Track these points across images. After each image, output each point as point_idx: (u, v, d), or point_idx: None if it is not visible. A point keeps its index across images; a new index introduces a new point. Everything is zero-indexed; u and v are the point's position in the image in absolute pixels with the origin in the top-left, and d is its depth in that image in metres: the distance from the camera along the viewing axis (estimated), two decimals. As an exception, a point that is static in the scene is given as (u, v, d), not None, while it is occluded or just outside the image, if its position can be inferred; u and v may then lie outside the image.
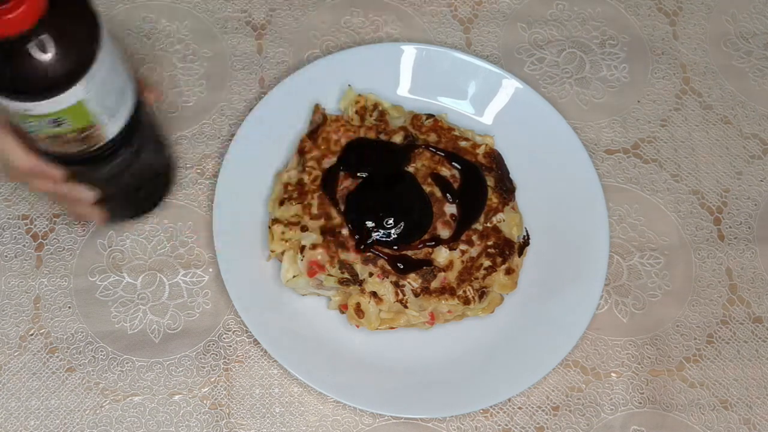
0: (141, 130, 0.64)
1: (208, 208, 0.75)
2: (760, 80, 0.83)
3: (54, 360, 0.70)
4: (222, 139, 0.77)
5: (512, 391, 0.69)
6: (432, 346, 0.71)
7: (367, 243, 0.68)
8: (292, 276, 0.69)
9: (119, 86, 0.59)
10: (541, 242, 0.74)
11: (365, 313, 0.68)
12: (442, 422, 0.69)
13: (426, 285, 0.68)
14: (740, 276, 0.75)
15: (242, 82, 0.79)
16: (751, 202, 0.78)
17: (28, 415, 0.68)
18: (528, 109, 0.77)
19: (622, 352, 0.72)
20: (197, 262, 0.73)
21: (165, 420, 0.68)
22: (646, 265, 0.75)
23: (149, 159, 0.68)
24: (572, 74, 0.82)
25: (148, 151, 0.67)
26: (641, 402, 0.71)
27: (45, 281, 0.72)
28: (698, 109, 0.81)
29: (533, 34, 0.83)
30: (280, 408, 0.70)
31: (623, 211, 0.77)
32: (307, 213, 0.70)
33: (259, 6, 0.83)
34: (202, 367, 0.70)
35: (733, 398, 0.71)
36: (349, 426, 0.69)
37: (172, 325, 0.71)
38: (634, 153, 0.79)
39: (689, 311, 0.74)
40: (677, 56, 0.83)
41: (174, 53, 0.80)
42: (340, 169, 0.71)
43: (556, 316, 0.71)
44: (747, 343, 0.73)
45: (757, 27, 0.85)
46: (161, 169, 0.73)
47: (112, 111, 0.59)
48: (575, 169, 0.76)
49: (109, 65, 0.57)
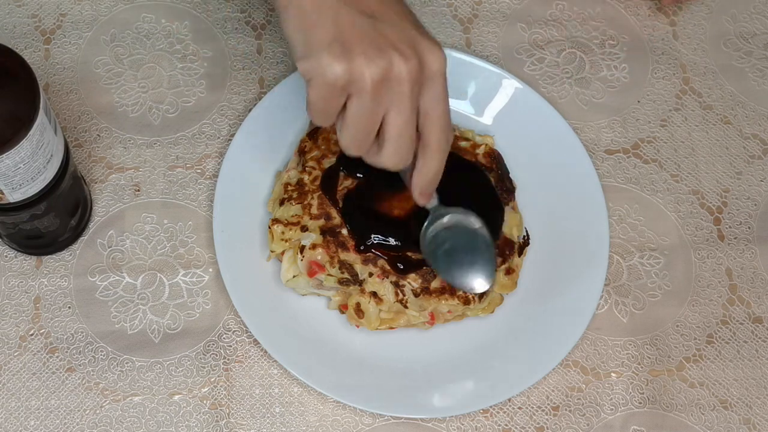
0: (54, 197, 0.66)
1: (208, 208, 0.75)
2: (760, 80, 0.83)
3: (54, 360, 0.70)
4: (222, 139, 0.77)
5: (512, 391, 0.69)
6: (432, 346, 0.71)
7: (366, 244, 0.68)
8: (292, 276, 0.69)
9: (31, 171, 0.61)
10: (541, 242, 0.74)
11: (365, 313, 0.68)
12: (442, 422, 0.69)
13: (426, 285, 0.68)
14: (740, 276, 0.75)
15: (242, 82, 0.79)
16: (751, 202, 0.78)
17: (28, 415, 0.68)
18: (528, 109, 0.77)
19: (622, 352, 0.72)
20: (197, 262, 0.73)
21: (165, 420, 0.68)
22: (646, 265, 0.75)
23: (55, 219, 0.69)
24: (572, 74, 0.82)
25: (56, 213, 0.68)
26: (641, 402, 0.71)
27: (45, 281, 0.72)
28: (698, 109, 0.81)
29: (533, 34, 0.83)
30: (280, 408, 0.70)
31: (623, 211, 0.77)
32: (307, 213, 0.70)
33: (259, 6, 0.83)
34: (202, 367, 0.70)
35: (733, 398, 0.71)
36: (349, 426, 0.69)
37: (172, 325, 0.71)
38: (634, 153, 0.79)
39: (689, 311, 0.74)
40: (677, 56, 0.83)
41: (174, 53, 0.80)
42: (340, 169, 0.71)
43: (556, 316, 0.71)
44: (747, 343, 0.73)
45: (757, 27, 0.85)
46: (63, 230, 0.72)
47: (15, 186, 0.61)
48: (575, 169, 0.76)
49: (25, 155, 0.59)
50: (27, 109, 0.58)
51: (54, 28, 0.80)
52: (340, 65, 0.54)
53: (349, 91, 0.56)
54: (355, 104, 0.56)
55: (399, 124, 0.57)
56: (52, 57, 0.79)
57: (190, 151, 0.77)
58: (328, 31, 0.55)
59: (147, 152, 0.77)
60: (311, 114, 0.58)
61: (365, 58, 0.54)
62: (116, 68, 0.79)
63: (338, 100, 0.56)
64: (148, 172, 0.76)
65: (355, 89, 0.55)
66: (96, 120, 0.77)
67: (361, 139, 0.58)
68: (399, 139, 0.58)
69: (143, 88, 0.79)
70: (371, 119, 0.57)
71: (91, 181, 0.75)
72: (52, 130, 0.61)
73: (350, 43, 0.55)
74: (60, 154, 0.64)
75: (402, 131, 0.57)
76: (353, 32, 0.55)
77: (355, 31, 0.55)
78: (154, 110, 0.78)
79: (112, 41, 0.80)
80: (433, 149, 0.59)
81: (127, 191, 0.75)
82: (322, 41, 0.55)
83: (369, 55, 0.54)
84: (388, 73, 0.55)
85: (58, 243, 0.72)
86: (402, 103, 0.56)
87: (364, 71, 0.54)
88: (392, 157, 0.59)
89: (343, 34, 0.55)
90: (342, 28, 0.55)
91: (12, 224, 0.67)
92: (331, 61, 0.54)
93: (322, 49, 0.55)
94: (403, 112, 0.57)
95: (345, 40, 0.55)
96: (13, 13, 0.81)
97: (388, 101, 0.56)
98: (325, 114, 0.57)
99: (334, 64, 0.54)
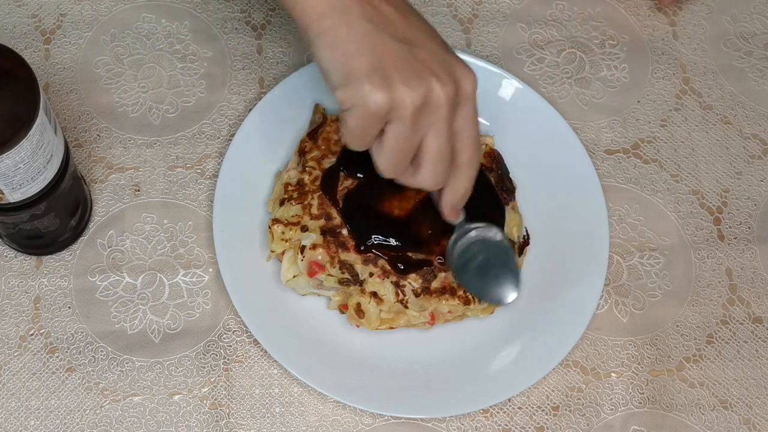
0: (54, 197, 0.66)
1: (208, 208, 0.75)
2: (760, 80, 0.83)
3: (54, 360, 0.70)
4: (222, 139, 0.77)
5: (512, 391, 0.69)
6: (432, 346, 0.71)
7: (366, 245, 0.68)
8: (292, 276, 0.69)
9: (31, 171, 0.61)
10: (541, 242, 0.74)
11: (365, 313, 0.68)
12: (442, 422, 0.69)
13: (426, 285, 0.68)
14: (740, 276, 0.75)
15: (242, 82, 0.79)
16: (751, 202, 0.78)
17: (28, 415, 0.68)
18: (528, 109, 0.77)
19: (622, 352, 0.72)
20: (197, 262, 0.73)
21: (165, 420, 0.68)
22: (646, 265, 0.75)
23: (55, 219, 0.69)
24: (572, 74, 0.82)
25: (56, 213, 0.68)
26: (641, 402, 0.71)
27: (45, 281, 0.72)
28: (698, 109, 0.81)
29: (533, 34, 0.83)
30: (280, 408, 0.70)
31: (623, 211, 0.77)
32: (307, 213, 0.70)
33: (259, 6, 0.83)
34: (202, 367, 0.70)
35: (733, 398, 0.71)
36: (349, 426, 0.69)
37: (172, 325, 0.71)
38: (634, 153, 0.79)
39: (689, 311, 0.74)
40: (677, 56, 0.83)
41: (174, 53, 0.80)
42: (341, 169, 0.71)
43: (556, 316, 0.71)
44: (747, 343, 0.73)
45: (757, 27, 0.85)
46: (63, 230, 0.72)
47: (16, 186, 0.61)
48: (575, 169, 0.76)
49: (25, 155, 0.59)
50: (27, 109, 0.58)
51: (54, 28, 0.80)
52: (382, 94, 0.55)
53: (389, 118, 0.56)
54: (395, 130, 0.57)
55: (437, 147, 0.58)
56: (52, 57, 0.79)
57: (190, 151, 0.77)
58: (367, 59, 0.55)
59: (147, 152, 0.77)
60: (348, 140, 0.58)
61: (406, 86, 0.55)
62: (116, 68, 0.79)
63: (377, 126, 0.57)
64: (148, 172, 0.76)
65: (396, 116, 0.56)
66: (96, 120, 0.77)
67: (399, 163, 0.59)
68: (437, 161, 0.59)
69: (143, 88, 0.79)
70: (410, 143, 0.58)
71: (91, 181, 0.75)
72: (52, 130, 0.61)
73: (390, 71, 0.55)
74: (60, 154, 0.64)
75: (440, 153, 0.58)
76: (391, 60, 0.55)
77: (393, 58, 0.55)
78: (154, 110, 0.78)
79: (112, 41, 0.80)
80: (465, 167, 0.61)
81: (127, 191, 0.75)
82: (361, 69, 0.55)
83: (409, 82, 0.55)
84: (428, 98, 0.56)
85: (58, 243, 0.72)
86: (440, 127, 0.57)
87: (405, 99, 0.55)
88: (430, 179, 0.60)
89: (382, 62, 0.55)
90: (380, 56, 0.55)
91: (12, 224, 0.67)
92: (373, 90, 0.55)
93: (363, 78, 0.55)
94: (441, 135, 0.57)
95: (384, 68, 0.55)
96: (13, 13, 0.81)
97: (427, 125, 0.57)
98: (363, 140, 0.58)
99: (375, 93, 0.55)
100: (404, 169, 0.60)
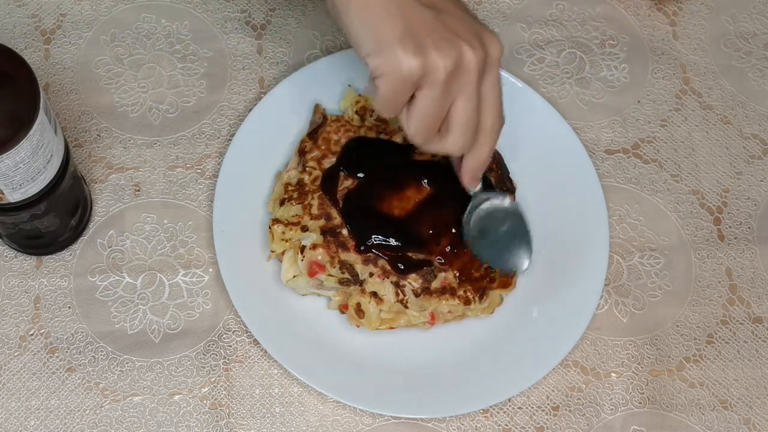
0: (54, 197, 0.66)
1: (208, 208, 0.75)
2: (760, 80, 0.83)
3: (54, 360, 0.70)
4: (222, 139, 0.77)
5: (512, 391, 0.69)
6: (432, 346, 0.71)
7: (366, 245, 0.68)
8: (292, 276, 0.69)
9: (31, 171, 0.61)
10: (541, 242, 0.74)
11: (365, 313, 0.68)
12: (442, 422, 0.69)
13: (426, 285, 0.68)
14: (740, 276, 0.75)
15: (242, 82, 0.79)
16: (751, 202, 0.78)
17: (28, 415, 0.68)
18: (528, 109, 0.77)
19: (622, 352, 0.72)
20: (197, 262, 0.73)
21: (165, 420, 0.68)
22: (646, 265, 0.75)
23: (55, 219, 0.69)
24: (572, 74, 0.82)
25: (56, 213, 0.68)
26: (641, 402, 0.71)
27: (45, 281, 0.72)
28: (698, 109, 0.81)
29: (533, 34, 0.83)
30: (280, 408, 0.70)
31: (623, 211, 0.77)
32: (307, 213, 0.70)
33: (259, 6, 0.83)
34: (202, 367, 0.70)
35: (733, 398, 0.71)
36: (349, 426, 0.69)
37: (172, 325, 0.71)
38: (634, 153, 0.79)
39: (689, 311, 0.74)
40: (677, 56, 0.83)
41: (174, 53, 0.80)
42: (341, 169, 0.71)
43: (556, 316, 0.71)
44: (747, 343, 0.73)
45: (757, 27, 0.85)
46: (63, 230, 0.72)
47: (16, 186, 0.61)
48: (575, 169, 0.76)
49: (25, 155, 0.59)
50: (27, 109, 0.58)
51: (54, 28, 0.80)
52: (415, 59, 0.55)
53: (421, 83, 0.57)
54: (426, 95, 0.57)
55: (467, 111, 0.59)
56: (52, 57, 0.79)
57: (190, 151, 0.77)
58: (398, 25, 0.56)
59: (147, 152, 0.77)
60: (380, 106, 0.59)
61: (438, 51, 0.56)
62: (116, 68, 0.79)
63: (409, 92, 0.57)
64: (148, 172, 0.76)
65: (428, 81, 0.57)
66: (96, 120, 0.77)
67: (428, 128, 0.60)
68: (466, 126, 0.60)
69: (143, 88, 0.79)
70: (441, 108, 0.58)
71: (91, 181, 0.75)
72: (52, 130, 0.61)
73: (421, 37, 0.56)
74: (60, 154, 0.64)
75: (469, 118, 0.59)
76: (422, 25, 0.56)
77: (423, 24, 0.56)
78: (154, 110, 0.78)
79: (112, 41, 0.80)
80: (488, 132, 0.62)
81: (127, 191, 0.75)
82: (392, 36, 0.56)
83: (441, 47, 0.56)
84: (459, 63, 0.57)
85: (58, 243, 0.72)
86: (470, 91, 0.58)
87: (438, 64, 0.56)
88: (459, 143, 0.61)
89: (413, 28, 0.56)
90: (411, 22, 0.56)
91: (12, 224, 0.67)
92: (405, 55, 0.55)
93: (395, 44, 0.55)
94: (471, 100, 0.58)
95: (416, 34, 0.56)
96: (13, 13, 0.81)
97: (457, 90, 0.58)
98: (395, 106, 0.59)
99: (408, 59, 0.55)
100: (434, 134, 0.60)
